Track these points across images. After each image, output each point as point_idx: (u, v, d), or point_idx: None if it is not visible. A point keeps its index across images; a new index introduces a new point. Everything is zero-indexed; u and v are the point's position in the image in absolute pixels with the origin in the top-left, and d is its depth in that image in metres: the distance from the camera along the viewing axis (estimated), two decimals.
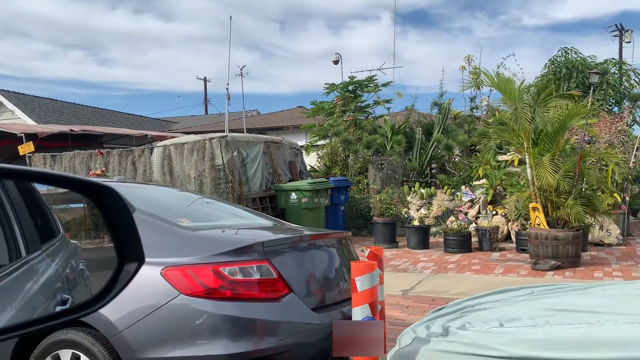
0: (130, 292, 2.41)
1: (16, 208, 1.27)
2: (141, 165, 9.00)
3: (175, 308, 2.46)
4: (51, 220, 1.45)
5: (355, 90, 12.93)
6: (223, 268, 2.50)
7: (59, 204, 1.44)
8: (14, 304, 1.11)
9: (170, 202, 3.56)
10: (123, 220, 1.00)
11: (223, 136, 8.71)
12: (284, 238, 2.88)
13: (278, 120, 19.00)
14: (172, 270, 2.50)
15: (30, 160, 9.68)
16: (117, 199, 0.99)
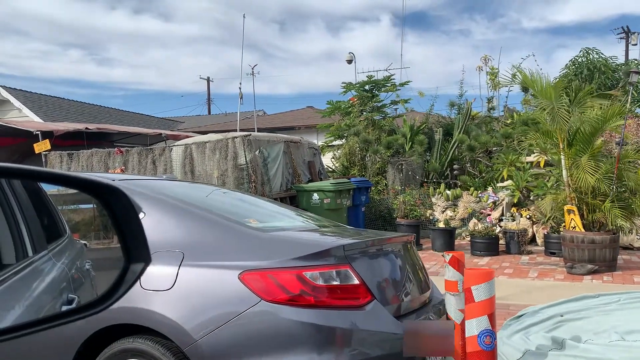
0: (206, 297, 2.27)
1: (23, 208, 1.28)
2: (161, 164, 8.85)
3: (256, 316, 2.30)
4: (57, 220, 1.46)
5: (372, 89, 12.79)
6: (306, 273, 2.35)
7: (66, 204, 1.43)
8: (21, 304, 1.12)
9: (227, 201, 3.42)
10: (129, 220, 1.00)
11: (246, 135, 8.58)
12: (362, 241, 2.73)
13: (289, 120, 18.87)
14: (251, 275, 2.36)
15: (46, 158, 9.53)
16: (123, 198, 0.99)
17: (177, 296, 2.36)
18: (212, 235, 2.55)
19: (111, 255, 1.08)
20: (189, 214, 2.66)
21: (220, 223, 2.60)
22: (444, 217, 8.95)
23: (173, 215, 2.66)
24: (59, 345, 2.39)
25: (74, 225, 1.48)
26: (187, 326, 2.31)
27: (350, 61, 15.84)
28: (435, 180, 10.78)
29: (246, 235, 2.58)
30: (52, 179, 1.10)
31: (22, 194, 1.30)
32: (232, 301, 2.33)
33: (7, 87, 18.90)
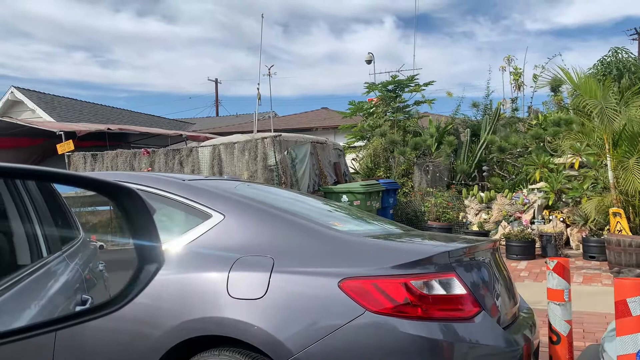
0: (302, 307, 2.10)
1: (38, 209, 1.31)
2: (189, 165, 8.73)
3: (361, 328, 2.13)
4: (71, 222, 1.49)
5: (394, 89, 12.64)
6: (413, 281, 2.18)
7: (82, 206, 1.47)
8: (36, 304, 1.15)
9: (300, 204, 3.26)
10: (143, 221, 1.01)
11: (276, 135, 8.44)
12: (463, 247, 2.57)
13: (305, 122, 18.75)
14: (353, 283, 2.18)
15: (69, 159, 9.40)
16: (137, 199, 1.00)
17: (270, 305, 2.20)
18: (303, 239, 2.40)
19: (126, 256, 1.09)
20: (276, 217, 2.52)
21: (310, 227, 2.46)
22: (477, 219, 8.78)
23: (258, 219, 2.52)
24: (135, 358, 2.23)
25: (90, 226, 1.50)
26: (284, 339, 2.15)
27: (370, 61, 15.70)
28: (463, 182, 10.61)
29: (340, 240, 2.42)
30: (68, 181, 1.10)
31: (37, 196, 1.32)
32: (333, 311, 2.17)
33: (21, 87, 18.87)
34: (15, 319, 1.06)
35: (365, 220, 3.30)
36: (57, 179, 1.10)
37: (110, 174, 3.08)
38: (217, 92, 35.85)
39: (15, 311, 1.06)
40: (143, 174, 3.16)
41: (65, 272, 1.34)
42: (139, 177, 2.86)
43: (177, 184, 2.75)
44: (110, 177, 2.88)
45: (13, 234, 1.17)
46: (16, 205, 1.22)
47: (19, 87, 18.84)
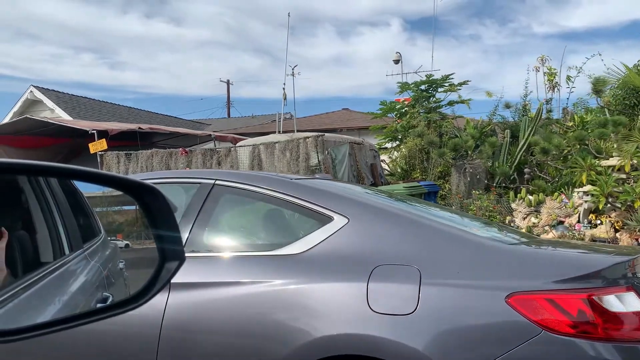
0: (462, 325, 1.88)
1: (60, 208, 1.35)
2: (227, 165, 8.61)
3: (539, 351, 1.88)
4: (92, 220, 1.54)
5: (427, 89, 12.46)
6: (595, 296, 1.94)
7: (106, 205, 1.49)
8: (58, 300, 1.19)
9: (421, 207, 3.04)
10: (165, 219, 1.05)
11: (318, 135, 8.27)
12: (629, 259, 2.32)
13: (327, 122, 18.62)
14: (523, 298, 1.94)
15: (102, 158, 9.28)
16: (160, 198, 1.04)
17: (422, 322, 1.97)
18: (450, 247, 2.19)
19: (148, 254, 1.13)
20: (414, 222, 2.30)
21: (456, 233, 2.24)
22: (526, 224, 8.55)
23: (391, 223, 2.31)
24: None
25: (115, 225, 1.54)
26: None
27: (398, 61, 15.56)
28: (504, 185, 10.39)
29: (494, 249, 2.21)
30: (93, 179, 1.12)
31: (59, 194, 1.37)
32: (502, 331, 1.93)
33: (40, 87, 18.89)
34: (39, 314, 1.10)
35: (485, 224, 3.09)
36: (80, 176, 1.13)
37: (212, 172, 2.90)
38: (228, 93, 35.79)
39: (39, 307, 1.10)
40: (248, 173, 2.98)
41: (86, 270, 1.38)
42: (245, 177, 2.67)
43: (289, 183, 2.56)
44: (214, 176, 2.65)
45: (37, 232, 1.20)
46: (39, 203, 1.25)
47: (38, 86, 18.83)
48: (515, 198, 9.32)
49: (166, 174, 3.28)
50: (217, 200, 2.64)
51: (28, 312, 1.04)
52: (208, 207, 2.60)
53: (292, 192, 2.48)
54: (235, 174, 2.81)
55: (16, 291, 0.98)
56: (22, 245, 1.08)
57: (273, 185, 2.54)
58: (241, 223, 2.90)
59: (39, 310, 1.10)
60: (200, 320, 2.26)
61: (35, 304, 1.08)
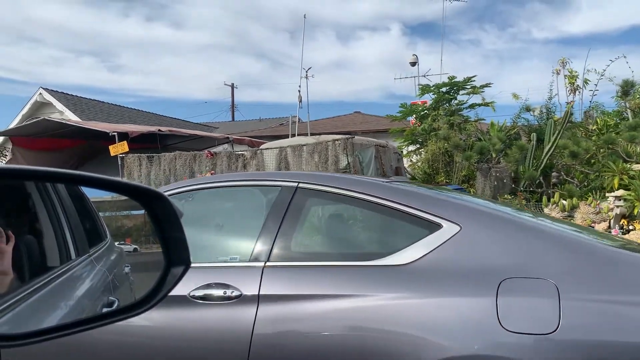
0: (616, 347, 1.67)
1: (67, 212, 1.37)
2: (253, 168, 8.51)
3: None
4: (99, 225, 1.57)
5: (449, 92, 12.35)
6: None
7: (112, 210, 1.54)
8: (65, 304, 1.22)
9: (523, 212, 2.89)
10: (171, 225, 1.07)
11: (348, 138, 8.15)
12: None
13: (340, 125, 18.54)
14: None
15: (123, 161, 9.15)
16: (167, 204, 1.07)
17: (565, 343, 1.82)
18: (583, 257, 2.03)
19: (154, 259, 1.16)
20: (537, 230, 2.20)
21: (584, 242, 2.12)
22: None
23: (514, 231, 2.16)
24: None
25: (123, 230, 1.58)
26: None
27: (414, 63, 15.45)
28: (530, 189, 10.25)
29: (624, 257, 2.07)
30: (98, 184, 1.14)
31: (66, 199, 1.40)
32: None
33: (50, 89, 18.84)
34: (46, 318, 1.13)
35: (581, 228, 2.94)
36: (86, 182, 1.16)
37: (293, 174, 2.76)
38: (233, 96, 35.89)
39: (46, 311, 1.12)
40: (335, 175, 2.82)
41: (92, 275, 1.42)
42: (333, 179, 2.53)
43: (387, 187, 2.42)
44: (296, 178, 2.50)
45: (44, 237, 1.23)
46: (47, 208, 1.28)
47: (47, 88, 18.72)
48: (548, 203, 9.18)
49: (235, 176, 3.16)
50: (302, 204, 2.50)
51: (35, 316, 1.05)
52: (292, 213, 2.46)
53: (392, 197, 2.33)
54: (321, 177, 2.68)
55: (23, 295, 0.99)
56: (29, 250, 1.09)
57: (369, 189, 2.39)
58: (332, 230, 2.77)
59: (46, 314, 1.13)
60: (294, 337, 2.14)
61: (42, 308, 1.10)
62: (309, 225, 2.56)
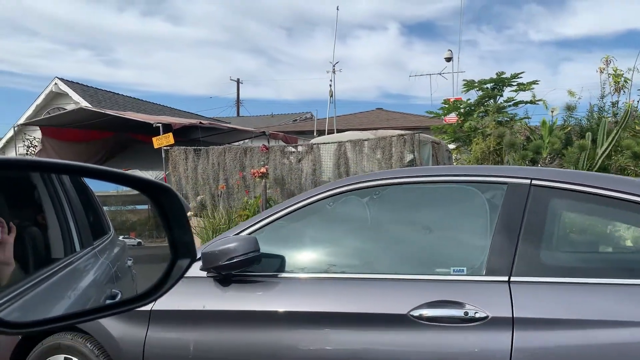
0: None
1: (72, 205, 1.42)
2: (308, 163, 8.16)
3: None
4: (102, 218, 1.61)
5: (493, 89, 12.03)
6: None
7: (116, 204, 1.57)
8: (69, 295, 1.26)
9: None
10: (178, 218, 1.10)
11: (414, 133, 7.81)
12: None
13: (366, 122, 18.34)
14: None
15: (168, 154, 8.77)
16: (174, 197, 1.10)
17: None
18: None
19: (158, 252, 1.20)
20: None
21: None
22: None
23: None
24: None
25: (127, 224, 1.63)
26: None
27: (450, 59, 15.15)
28: None
29: None
30: (106, 177, 1.16)
31: (71, 191, 1.45)
32: None
33: (65, 79, 18.50)
34: (51, 309, 1.19)
35: None
36: (94, 174, 1.19)
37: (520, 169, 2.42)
38: (238, 92, 35.66)
39: (51, 302, 1.17)
40: (579, 172, 2.46)
41: (95, 267, 1.46)
42: (580, 176, 2.16)
43: None
44: (526, 174, 2.14)
45: (48, 229, 1.27)
46: (52, 200, 1.32)
47: (63, 78, 18.31)
48: None
49: (436, 171, 2.79)
50: (543, 207, 2.13)
51: (40, 306, 1.10)
52: (532, 216, 2.11)
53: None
54: (563, 173, 2.34)
55: (28, 286, 1.03)
56: (34, 241, 1.13)
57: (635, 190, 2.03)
58: (592, 239, 2.40)
59: (51, 305, 1.17)
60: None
61: (47, 298, 1.14)
62: (558, 232, 2.21)
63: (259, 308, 2.48)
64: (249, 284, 2.60)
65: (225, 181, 8.79)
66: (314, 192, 2.69)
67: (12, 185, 1.11)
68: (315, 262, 2.62)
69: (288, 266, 2.57)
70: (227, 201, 8.69)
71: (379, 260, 2.47)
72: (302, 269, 2.57)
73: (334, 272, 2.49)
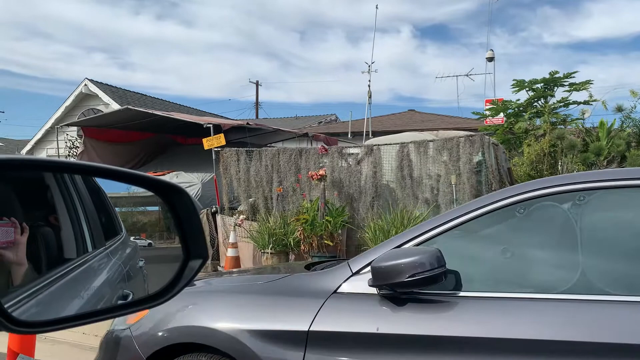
0: None
1: (85, 206, 1.45)
2: (368, 165, 7.80)
3: None
4: (114, 219, 1.65)
5: (545, 89, 11.61)
6: None
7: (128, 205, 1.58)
8: (81, 295, 1.29)
9: None
10: (190, 219, 1.10)
11: (483, 133, 7.43)
12: None
13: (399, 124, 18.02)
14: None
15: (219, 155, 8.44)
16: (186, 198, 1.10)
17: None
18: None
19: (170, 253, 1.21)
20: None
21: None
22: None
23: None
24: None
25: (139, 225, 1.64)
26: None
27: (492, 59, 14.77)
28: None
29: None
30: (120, 177, 1.17)
31: (84, 192, 1.47)
32: None
33: (95, 81, 18.47)
34: (63, 308, 1.21)
35: None
36: (107, 174, 1.20)
37: None
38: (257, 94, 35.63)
39: (63, 301, 1.19)
40: None
41: (107, 267, 1.49)
42: None
43: None
44: None
45: (61, 229, 1.29)
46: (65, 201, 1.34)
47: (93, 80, 18.22)
48: None
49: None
50: None
51: (53, 306, 1.12)
52: None
53: None
54: None
55: (41, 286, 1.06)
56: (47, 242, 1.15)
57: None
58: None
59: (63, 304, 1.19)
60: None
61: (60, 298, 1.16)
62: None
63: (451, 333, 2.12)
64: (428, 304, 2.25)
65: (279, 183, 8.45)
66: (497, 197, 2.35)
67: (25, 186, 1.13)
68: (508, 279, 2.26)
69: (472, 283, 2.22)
70: (281, 204, 8.35)
71: (605, 278, 2.10)
72: (492, 286, 2.21)
73: (537, 291, 2.13)
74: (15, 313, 0.88)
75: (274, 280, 2.85)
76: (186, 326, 2.73)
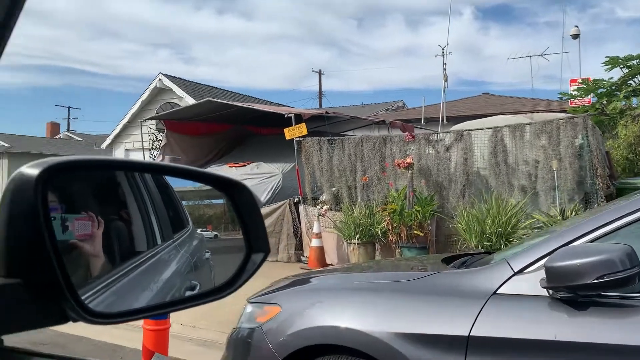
0: None
1: (154, 201, 1.51)
2: (459, 151, 7.45)
3: None
4: (181, 213, 1.70)
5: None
6: None
7: (194, 199, 1.65)
8: (152, 287, 1.34)
9: None
10: (251, 214, 1.12)
11: (586, 115, 6.87)
12: None
13: (473, 109, 17.32)
14: None
15: (301, 145, 8.31)
16: (247, 193, 1.14)
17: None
18: None
19: (235, 245, 1.21)
20: None
21: None
22: None
23: None
24: None
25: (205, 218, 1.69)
26: None
27: (577, 36, 13.85)
28: None
29: None
30: (184, 175, 1.21)
31: (152, 188, 1.54)
32: None
33: (169, 75, 18.93)
34: (136, 299, 1.28)
35: None
36: (172, 172, 1.27)
37: None
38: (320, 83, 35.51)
39: (134, 293, 1.24)
40: None
41: (176, 259, 1.55)
42: None
43: None
44: None
45: (132, 223, 1.34)
46: (135, 196, 1.40)
47: (166, 74, 18.67)
48: None
49: None
50: None
51: (126, 297, 1.17)
52: None
53: None
54: None
55: (115, 278, 1.11)
56: (119, 235, 1.20)
57: None
58: None
59: (134, 296, 1.24)
60: None
61: (131, 290, 1.21)
62: None
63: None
64: (615, 309, 1.96)
65: (363, 172, 8.26)
66: None
67: (99, 183, 1.18)
68: None
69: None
70: (366, 193, 8.16)
71: None
72: None
73: None
74: (92, 304, 0.91)
75: (417, 278, 2.63)
76: (322, 326, 2.59)
